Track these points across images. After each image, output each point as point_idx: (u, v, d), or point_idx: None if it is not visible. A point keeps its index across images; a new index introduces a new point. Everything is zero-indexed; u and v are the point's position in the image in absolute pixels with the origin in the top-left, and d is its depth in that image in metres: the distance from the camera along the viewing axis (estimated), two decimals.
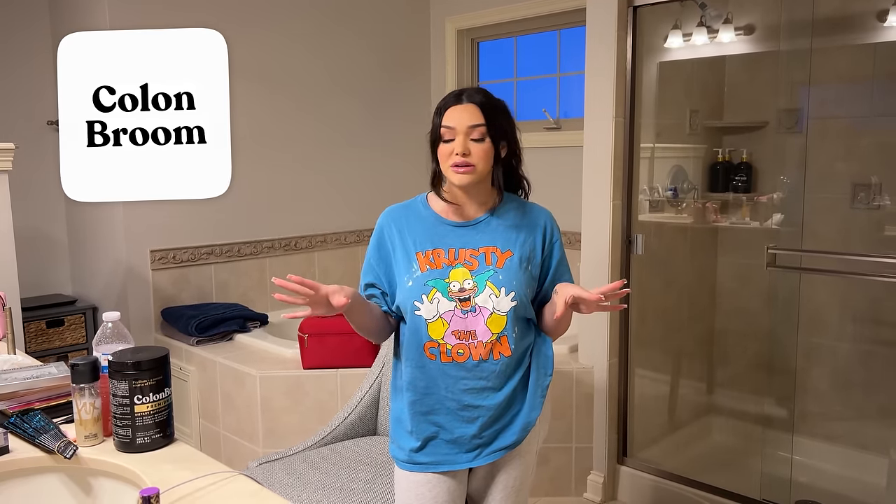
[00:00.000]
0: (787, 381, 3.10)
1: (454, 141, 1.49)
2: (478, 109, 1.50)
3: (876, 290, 2.96)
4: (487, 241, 1.56)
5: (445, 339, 1.52)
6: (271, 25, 3.60)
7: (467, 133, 1.49)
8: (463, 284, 1.52)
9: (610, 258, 2.78)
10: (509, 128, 1.57)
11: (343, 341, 2.79)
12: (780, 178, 3.22)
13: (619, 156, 2.75)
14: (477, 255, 1.55)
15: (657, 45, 3.09)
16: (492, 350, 1.53)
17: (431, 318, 1.52)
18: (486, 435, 1.58)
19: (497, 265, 1.54)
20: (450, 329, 1.52)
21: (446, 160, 1.50)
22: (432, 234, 1.56)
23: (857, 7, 2.97)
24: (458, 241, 1.56)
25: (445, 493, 1.59)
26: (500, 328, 1.53)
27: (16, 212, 2.70)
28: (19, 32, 3.34)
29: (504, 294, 1.52)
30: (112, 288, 3.34)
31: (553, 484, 2.88)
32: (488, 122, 1.50)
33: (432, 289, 1.52)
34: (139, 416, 1.29)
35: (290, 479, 1.99)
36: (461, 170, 1.49)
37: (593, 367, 2.84)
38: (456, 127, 1.49)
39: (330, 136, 3.87)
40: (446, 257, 1.54)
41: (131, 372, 1.28)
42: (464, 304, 1.51)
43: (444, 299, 1.51)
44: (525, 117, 4.04)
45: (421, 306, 1.52)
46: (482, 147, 1.50)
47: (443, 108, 1.53)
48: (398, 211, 1.62)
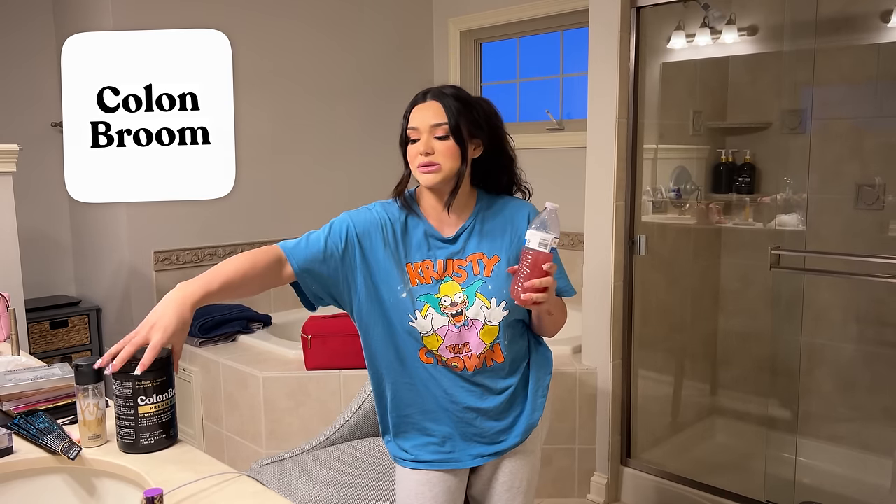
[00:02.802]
0: (790, 383, 3.09)
1: (419, 141, 1.46)
2: (440, 106, 1.46)
3: (880, 291, 2.95)
4: (473, 248, 1.52)
5: (440, 352, 1.51)
6: (275, 26, 3.61)
7: (430, 131, 1.45)
8: (454, 299, 1.49)
9: (613, 259, 2.77)
10: (486, 124, 1.51)
11: (346, 342, 2.79)
12: (783, 178, 3.21)
13: (623, 157, 2.75)
14: (464, 265, 1.51)
15: (660, 46, 3.09)
16: (485, 360, 1.53)
17: (426, 333, 1.50)
18: (488, 436, 1.58)
19: (485, 273, 1.51)
20: (444, 344, 1.50)
21: (413, 161, 1.47)
22: (421, 244, 1.52)
23: (861, 8, 2.96)
24: (445, 252, 1.52)
25: (445, 492, 1.58)
26: (493, 338, 1.51)
27: (20, 213, 2.70)
28: (22, 33, 3.34)
29: (495, 305, 1.49)
30: (116, 289, 3.35)
31: (556, 485, 2.88)
32: (452, 120, 1.45)
33: (425, 304, 1.49)
34: (143, 417, 1.29)
35: (294, 480, 1.99)
36: (426, 169, 1.44)
37: (596, 369, 2.84)
38: (419, 126, 1.45)
39: (333, 138, 3.87)
40: (435, 270, 1.51)
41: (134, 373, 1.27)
42: (456, 318, 1.49)
43: (437, 315, 1.49)
44: (528, 118, 4.04)
45: (415, 321, 1.49)
46: (446, 145, 1.44)
47: (409, 109, 1.49)
48: (394, 212, 1.55)
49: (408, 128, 1.47)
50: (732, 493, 2.63)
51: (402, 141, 1.50)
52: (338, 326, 2.81)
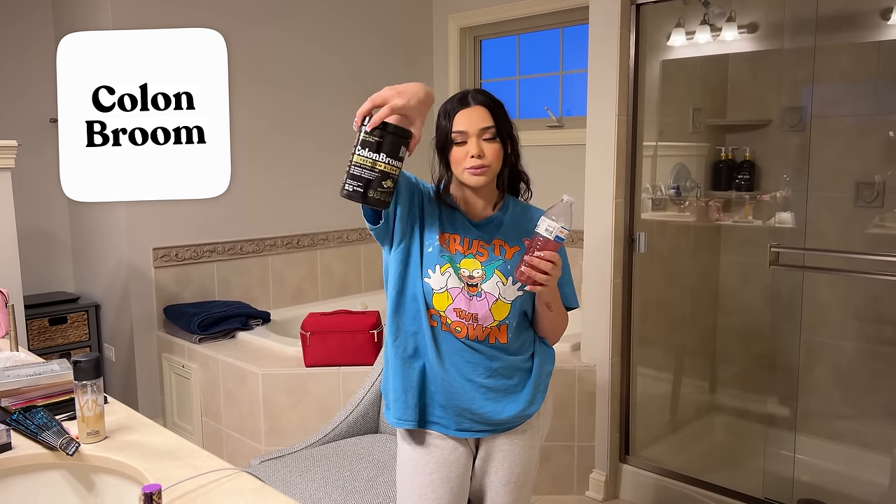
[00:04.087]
0: (789, 380, 3.10)
1: (467, 144, 1.52)
2: (486, 111, 1.54)
3: (879, 289, 2.95)
4: (497, 235, 1.61)
5: (446, 313, 1.55)
6: (273, 23, 3.60)
7: (479, 135, 1.52)
8: (472, 273, 1.56)
9: (612, 256, 2.77)
10: (510, 126, 1.60)
11: (345, 339, 2.79)
12: (783, 176, 3.21)
13: (622, 154, 2.75)
14: (487, 246, 1.59)
15: (660, 43, 3.09)
16: (489, 335, 1.57)
17: (438, 289, 1.55)
18: (478, 413, 1.58)
19: (506, 256, 1.58)
20: (452, 305, 1.55)
21: (460, 164, 1.53)
22: (454, 220, 1.60)
23: (861, 5, 2.96)
24: (472, 234, 1.60)
25: (444, 464, 1.60)
26: (503, 316, 1.56)
27: (19, 209, 2.70)
28: (22, 30, 3.34)
29: (511, 283, 1.56)
30: (115, 286, 3.35)
31: (555, 482, 2.88)
32: (497, 122, 1.54)
33: (446, 263, 1.55)
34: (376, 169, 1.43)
35: (292, 476, 2.00)
36: (478, 171, 1.51)
37: (595, 366, 2.84)
38: (468, 130, 1.52)
39: (332, 135, 3.87)
40: (460, 244, 1.58)
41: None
42: (471, 288, 1.55)
43: (454, 276, 1.55)
44: (528, 115, 4.04)
45: (432, 274, 1.55)
46: (494, 147, 1.53)
47: (450, 113, 1.55)
48: (431, 190, 1.64)
49: (453, 131, 1.53)
50: (731, 491, 2.63)
51: (440, 145, 1.56)
52: (337, 323, 2.81)
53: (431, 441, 1.61)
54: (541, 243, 1.45)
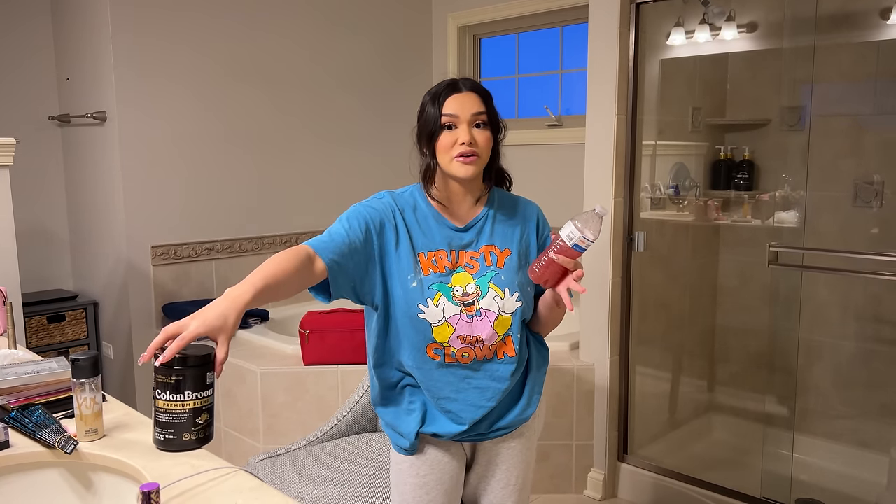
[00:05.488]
0: (788, 379, 3.10)
1: (456, 130, 1.43)
2: (477, 97, 1.46)
3: (878, 288, 2.96)
4: (485, 240, 1.52)
5: (451, 343, 1.49)
6: (272, 22, 3.60)
7: (471, 121, 1.44)
8: (466, 289, 1.48)
9: (611, 255, 2.77)
10: (498, 115, 1.52)
11: (344, 338, 2.79)
12: (782, 175, 3.21)
13: (621, 153, 2.75)
14: (477, 256, 1.51)
15: (660, 43, 3.08)
16: (496, 351, 1.52)
17: (437, 323, 1.48)
18: (483, 424, 1.57)
19: (497, 265, 1.51)
20: (455, 334, 1.48)
21: (448, 151, 1.44)
22: (434, 233, 1.51)
23: (861, 5, 2.96)
24: (458, 242, 1.51)
25: (438, 466, 1.58)
26: (506, 328, 1.51)
27: (17, 207, 2.70)
28: (21, 28, 3.33)
29: (508, 295, 1.50)
30: (113, 283, 3.35)
31: (553, 481, 2.88)
32: (487, 109, 1.46)
33: (437, 292, 1.47)
34: (178, 413, 1.15)
35: (291, 475, 1.99)
36: (468, 160, 1.42)
37: (594, 365, 2.84)
38: (459, 115, 1.43)
39: (331, 133, 3.87)
40: (448, 260, 1.50)
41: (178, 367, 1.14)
42: (468, 308, 1.48)
43: (449, 303, 1.47)
44: (527, 114, 4.04)
45: (426, 310, 1.47)
46: (485, 135, 1.45)
47: (439, 98, 1.45)
48: (403, 200, 1.53)
49: (443, 115, 1.43)
50: (729, 490, 2.64)
51: (427, 131, 1.46)
52: (335, 322, 2.81)
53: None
54: (560, 247, 1.38)
